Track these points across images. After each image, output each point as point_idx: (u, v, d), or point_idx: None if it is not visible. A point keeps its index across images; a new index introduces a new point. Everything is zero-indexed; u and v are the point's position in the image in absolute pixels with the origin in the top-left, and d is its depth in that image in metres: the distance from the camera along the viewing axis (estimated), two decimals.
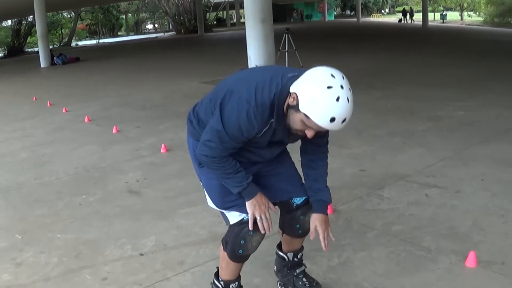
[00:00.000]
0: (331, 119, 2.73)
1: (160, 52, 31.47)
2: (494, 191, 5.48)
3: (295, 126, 2.89)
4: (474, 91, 11.31)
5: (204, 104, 3.29)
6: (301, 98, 2.78)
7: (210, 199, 3.37)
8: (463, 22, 63.18)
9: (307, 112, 2.76)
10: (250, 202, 3.13)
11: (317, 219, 3.28)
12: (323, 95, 2.72)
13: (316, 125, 2.78)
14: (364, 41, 29.32)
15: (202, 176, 3.38)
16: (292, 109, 2.85)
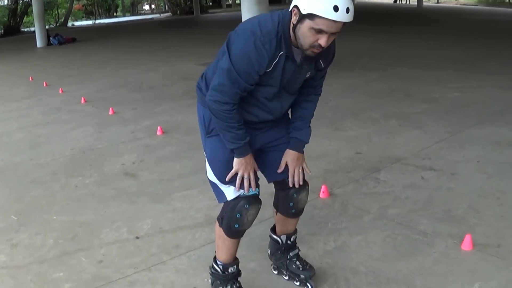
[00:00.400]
0: (334, 8, 2.72)
1: (156, 33, 31.35)
2: (489, 173, 5.50)
3: (307, 40, 2.88)
4: (470, 72, 11.34)
5: (211, 66, 3.33)
6: (300, 5, 2.81)
7: (211, 171, 3.35)
8: (458, 2, 62.82)
9: (310, 10, 2.77)
10: (239, 160, 3.18)
11: (290, 156, 3.36)
12: None
13: (323, 20, 2.76)
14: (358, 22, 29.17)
15: (208, 146, 3.38)
16: (297, 24, 2.87)
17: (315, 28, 2.80)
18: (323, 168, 5.85)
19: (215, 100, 3.03)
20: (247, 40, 2.91)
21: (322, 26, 2.78)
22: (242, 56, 2.92)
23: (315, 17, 2.76)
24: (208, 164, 3.38)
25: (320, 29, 2.80)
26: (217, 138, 3.26)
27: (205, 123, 3.34)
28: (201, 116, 3.39)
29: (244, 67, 2.92)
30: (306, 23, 2.81)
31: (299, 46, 2.95)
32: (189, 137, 7.39)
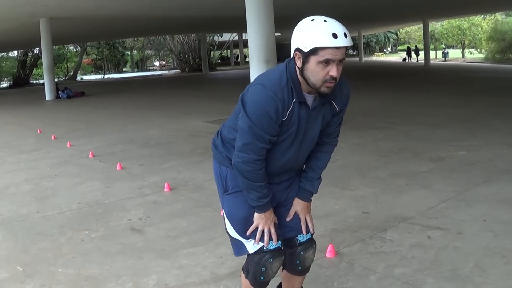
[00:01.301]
0: (333, 35, 2.85)
1: (164, 90, 31.64)
2: (496, 232, 5.48)
3: (317, 77, 2.96)
4: (476, 130, 11.38)
5: (226, 124, 3.41)
6: (301, 45, 2.94)
7: (232, 227, 3.39)
8: (464, 59, 63.39)
9: (312, 45, 2.89)
10: (259, 215, 3.25)
11: (299, 205, 3.44)
12: (313, 25, 2.91)
13: (328, 50, 2.87)
14: (367, 80, 29.49)
15: (226, 204, 3.41)
16: (303, 65, 2.98)
17: (321, 61, 2.90)
18: (330, 227, 5.85)
19: (243, 161, 3.09)
20: (260, 94, 3.01)
21: (327, 55, 2.89)
22: (258, 110, 3.00)
23: (318, 50, 2.88)
24: (227, 220, 3.42)
25: (327, 60, 2.90)
26: (235, 195, 3.33)
27: (222, 181, 3.39)
28: (217, 174, 3.44)
29: (263, 120, 3.00)
30: (312, 60, 2.92)
31: (311, 86, 3.03)
32: (196, 194, 7.40)
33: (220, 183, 3.41)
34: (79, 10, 25.92)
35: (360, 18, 44.94)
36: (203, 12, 31.47)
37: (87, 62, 78.28)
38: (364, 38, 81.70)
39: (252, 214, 3.29)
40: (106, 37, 61.83)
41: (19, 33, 34.23)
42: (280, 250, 3.32)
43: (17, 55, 59.01)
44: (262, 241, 3.28)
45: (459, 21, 70.37)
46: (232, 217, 3.38)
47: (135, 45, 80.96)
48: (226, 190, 3.37)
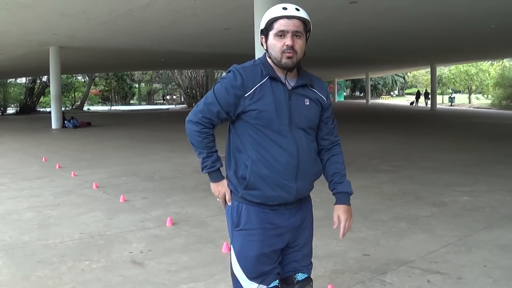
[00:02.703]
0: (283, 8, 3.12)
1: (170, 124, 31.71)
2: (495, 278, 5.48)
3: (276, 49, 3.19)
4: (480, 176, 11.41)
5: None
6: (261, 26, 3.25)
7: (238, 266, 3.39)
8: (471, 105, 63.55)
9: (266, 20, 3.19)
10: (215, 184, 3.54)
11: (340, 209, 3.51)
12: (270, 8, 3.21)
13: (280, 21, 3.14)
14: (372, 123, 29.58)
15: (236, 241, 3.42)
16: (266, 43, 3.26)
17: (276, 33, 3.14)
18: (330, 268, 5.86)
19: (187, 120, 3.40)
20: (227, 74, 3.27)
21: (280, 27, 3.13)
22: (220, 85, 3.29)
23: (272, 24, 3.15)
24: (235, 259, 3.43)
25: (281, 31, 3.13)
26: (246, 233, 3.35)
27: (233, 216, 3.43)
28: (228, 208, 3.49)
29: (220, 93, 3.26)
30: (270, 35, 3.18)
31: (275, 62, 3.23)
32: (198, 230, 7.41)
33: (231, 217, 3.44)
34: (88, 40, 26.17)
35: (368, 61, 45.20)
36: (212, 48, 31.70)
37: (95, 92, 78.64)
38: (372, 80, 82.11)
39: (264, 254, 3.33)
40: (114, 69, 62.23)
41: (28, 60, 34.51)
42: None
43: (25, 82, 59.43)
44: (264, 284, 3.31)
45: (467, 66, 70.77)
46: (241, 255, 3.38)
47: (143, 78, 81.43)
48: (238, 225, 3.39)
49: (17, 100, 57.39)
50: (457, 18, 21.69)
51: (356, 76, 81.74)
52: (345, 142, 13.99)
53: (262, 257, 3.32)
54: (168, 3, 17.66)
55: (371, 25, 23.10)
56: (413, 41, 29.88)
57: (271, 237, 3.35)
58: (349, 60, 44.47)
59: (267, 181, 3.28)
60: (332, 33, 25.46)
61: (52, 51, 28.23)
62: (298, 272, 3.49)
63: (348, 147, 17.98)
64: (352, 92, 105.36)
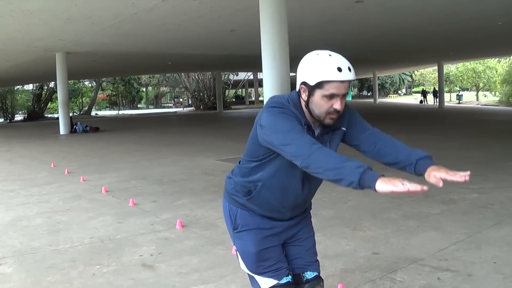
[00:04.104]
0: (338, 69, 2.94)
1: (178, 127, 31.80)
2: (506, 274, 5.46)
3: (322, 109, 3.05)
4: (489, 173, 11.37)
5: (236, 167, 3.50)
6: (306, 79, 3.02)
7: (244, 264, 3.45)
8: (479, 102, 63.43)
9: (318, 78, 2.97)
10: (380, 182, 2.78)
11: (431, 171, 3.04)
12: (318, 59, 2.99)
13: (332, 84, 2.96)
14: (380, 121, 29.49)
15: (237, 242, 3.46)
16: (309, 98, 3.06)
17: (326, 95, 2.99)
18: (340, 267, 5.84)
19: (312, 153, 2.85)
20: (276, 110, 3.06)
21: (332, 90, 2.97)
22: (278, 116, 3.03)
23: (323, 84, 2.97)
24: (240, 258, 3.48)
25: (332, 94, 2.98)
26: (245, 233, 3.38)
27: (231, 219, 3.44)
28: (226, 212, 3.50)
29: (285, 119, 3.01)
30: (317, 93, 3.01)
31: (315, 118, 3.11)
32: (208, 232, 7.41)
33: (230, 221, 3.47)
34: (95, 45, 26.23)
35: (375, 59, 45.17)
36: (219, 51, 31.74)
37: (102, 97, 78.80)
38: (379, 79, 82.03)
39: (263, 249, 3.36)
40: (121, 73, 62.36)
41: (35, 66, 34.61)
42: (291, 285, 3.35)
43: (33, 88, 59.56)
44: (275, 278, 3.32)
45: (474, 63, 70.63)
46: (244, 253, 3.43)
47: (150, 81, 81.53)
48: (236, 228, 3.43)
49: (24, 106, 57.58)
50: (464, 16, 21.64)
51: (363, 75, 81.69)
52: None
53: (263, 252, 3.35)
54: (173, 6, 17.69)
55: (378, 24, 23.09)
56: (419, 39, 29.85)
57: (267, 235, 3.39)
58: (356, 60, 44.43)
59: (267, 206, 3.33)
60: (339, 33, 25.47)
61: (58, 57, 28.30)
62: (306, 269, 3.49)
63: None
64: (359, 91, 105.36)
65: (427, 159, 3.14)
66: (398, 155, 3.25)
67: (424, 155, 3.16)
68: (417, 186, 2.70)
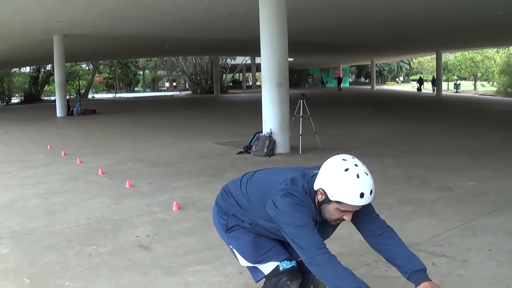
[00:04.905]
0: (360, 195, 3.01)
1: (175, 110, 31.77)
2: (501, 261, 5.49)
3: (332, 217, 3.17)
4: (485, 162, 11.40)
5: (232, 182, 3.66)
6: (328, 190, 3.06)
7: (243, 258, 3.51)
8: (476, 91, 63.34)
9: (338, 199, 3.03)
10: None
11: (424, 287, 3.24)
12: (345, 178, 3.00)
13: (350, 205, 3.04)
14: (377, 108, 29.54)
15: (231, 239, 3.56)
16: (324, 203, 3.13)
17: (341, 210, 3.10)
18: (336, 251, 5.84)
19: (317, 256, 3.05)
20: (291, 201, 3.14)
21: (348, 208, 3.09)
22: (295, 209, 3.12)
23: (342, 203, 3.05)
24: (237, 254, 3.55)
25: (346, 210, 3.10)
26: (236, 231, 3.51)
27: (222, 223, 3.59)
28: (216, 217, 3.67)
29: (299, 214, 3.10)
30: (333, 205, 3.10)
31: (321, 215, 3.22)
32: (204, 214, 7.41)
33: (220, 225, 3.60)
34: (92, 28, 26.11)
35: (374, 47, 45.09)
36: (217, 35, 31.65)
37: (99, 80, 78.58)
38: (377, 66, 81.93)
39: (257, 236, 3.42)
40: (118, 56, 62.17)
41: (32, 49, 34.47)
42: (297, 271, 3.37)
43: (29, 71, 59.36)
44: (275, 260, 3.34)
45: (472, 53, 70.48)
46: (240, 246, 3.50)
47: (147, 65, 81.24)
48: (228, 229, 3.54)
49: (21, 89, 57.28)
50: (463, 5, 21.60)
51: (361, 62, 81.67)
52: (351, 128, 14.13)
53: (258, 240, 3.45)
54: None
55: (376, 10, 23.01)
56: (418, 28, 29.78)
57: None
58: (354, 47, 44.37)
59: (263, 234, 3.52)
60: (337, 19, 25.43)
61: (56, 39, 28.18)
62: None
63: (354, 132, 18.10)
64: (357, 78, 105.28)
65: (422, 273, 3.32)
66: (394, 258, 3.44)
67: (418, 267, 3.33)
68: None
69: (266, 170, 3.68)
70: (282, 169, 3.52)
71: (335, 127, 18.74)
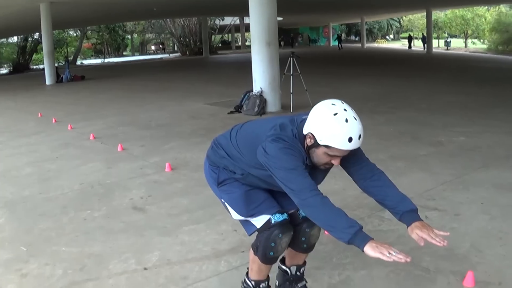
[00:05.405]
0: (349, 139, 2.98)
1: (165, 73, 31.64)
2: (493, 215, 5.55)
3: (321, 161, 3.15)
4: (477, 118, 11.43)
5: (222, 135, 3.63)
6: (316, 134, 3.04)
7: (234, 211, 3.50)
8: (467, 49, 63.35)
9: (327, 143, 3.01)
10: (369, 246, 2.90)
11: (415, 228, 3.18)
12: (334, 123, 2.98)
13: (339, 150, 3.02)
14: (368, 66, 29.49)
15: (223, 193, 3.54)
16: (312, 148, 3.11)
17: (330, 154, 3.07)
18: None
19: (309, 198, 3.02)
20: (281, 145, 3.11)
21: (336, 153, 3.06)
22: (283, 153, 3.10)
23: (331, 147, 3.03)
24: (229, 208, 3.54)
25: (335, 155, 3.08)
26: (228, 185, 3.50)
27: (214, 177, 3.57)
28: (208, 172, 3.66)
29: (289, 158, 3.09)
30: (322, 149, 3.07)
31: (310, 159, 3.18)
32: (197, 174, 7.41)
33: (212, 178, 3.58)
34: None
35: (363, 4, 44.79)
36: None
37: (87, 46, 78.01)
38: (367, 24, 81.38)
39: (249, 189, 3.44)
40: (106, 21, 61.56)
41: (19, 18, 34.15)
42: (288, 224, 3.38)
43: (17, 41, 58.88)
44: (267, 213, 3.36)
45: (463, 11, 70.35)
46: (232, 200, 3.49)
47: (135, 28, 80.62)
48: (220, 183, 3.53)
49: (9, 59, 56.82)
50: None
51: (351, 20, 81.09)
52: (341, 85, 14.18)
53: (249, 193, 3.44)
54: None
55: None
56: None
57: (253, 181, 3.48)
58: (343, 3, 44.03)
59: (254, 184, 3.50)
60: None
61: (42, 7, 27.85)
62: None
63: (344, 90, 18.05)
64: (347, 36, 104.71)
65: (413, 213, 3.27)
66: (385, 200, 3.38)
67: (410, 208, 3.29)
68: (402, 257, 2.85)
69: (255, 120, 3.69)
70: (271, 118, 3.52)
71: (325, 85, 18.69)
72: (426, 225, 3.18)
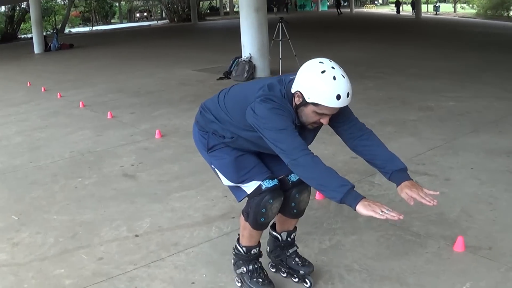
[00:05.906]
0: (337, 97, 2.96)
1: (153, 40, 31.49)
2: (483, 180, 5.57)
3: (310, 120, 3.13)
4: (466, 82, 11.41)
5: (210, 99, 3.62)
6: (304, 92, 3.02)
7: (225, 177, 3.48)
8: (456, 14, 63.06)
9: (315, 100, 2.99)
10: (361, 205, 2.90)
11: (404, 187, 3.16)
12: (321, 80, 2.95)
13: (327, 108, 3.00)
14: (357, 31, 29.38)
15: (213, 159, 3.53)
16: (301, 106, 3.09)
17: (318, 112, 3.05)
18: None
19: (300, 158, 3.00)
20: (270, 105, 3.09)
21: (325, 111, 3.04)
22: (273, 113, 3.08)
23: (319, 105, 3.00)
24: (220, 174, 3.52)
25: (323, 113, 3.05)
26: (218, 150, 3.48)
27: (203, 142, 3.55)
28: (197, 137, 3.64)
29: (278, 118, 3.06)
30: (310, 107, 3.05)
31: (299, 118, 3.16)
32: (187, 141, 7.38)
33: (202, 144, 3.56)
34: None
35: None
36: None
37: (75, 14, 77.42)
38: None
39: (239, 155, 3.43)
40: None
41: None
42: (279, 189, 3.38)
43: (5, 10, 58.41)
44: (257, 179, 3.36)
45: None
46: (222, 166, 3.48)
47: None
48: (209, 149, 3.50)
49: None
50: None
51: None
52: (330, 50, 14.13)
53: (240, 159, 3.42)
54: None
55: None
56: None
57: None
58: None
59: (244, 148, 3.47)
60: None
61: None
62: (290, 173, 3.46)
63: (333, 55, 17.87)
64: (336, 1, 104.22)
65: (403, 172, 3.26)
66: (375, 159, 3.36)
67: (399, 167, 3.27)
68: (394, 215, 2.83)
69: (242, 83, 3.68)
70: (259, 80, 3.50)
71: (315, 50, 18.56)
72: (416, 184, 3.18)
